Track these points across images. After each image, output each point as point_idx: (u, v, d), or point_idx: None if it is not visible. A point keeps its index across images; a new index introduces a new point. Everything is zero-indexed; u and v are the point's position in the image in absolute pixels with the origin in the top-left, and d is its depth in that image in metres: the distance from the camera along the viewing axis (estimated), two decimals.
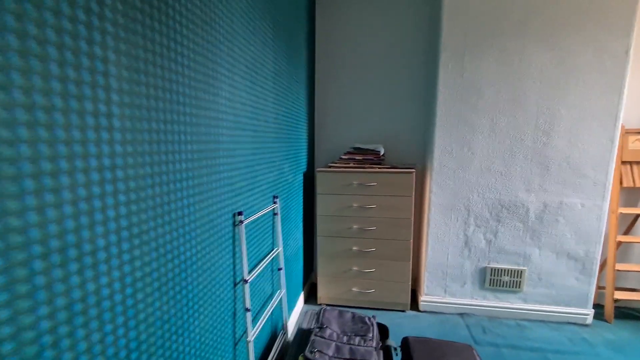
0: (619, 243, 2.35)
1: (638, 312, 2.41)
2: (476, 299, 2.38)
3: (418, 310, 2.43)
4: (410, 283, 2.36)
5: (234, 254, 1.23)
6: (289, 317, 2.06)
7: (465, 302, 2.38)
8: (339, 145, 2.69)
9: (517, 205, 2.22)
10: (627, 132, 2.30)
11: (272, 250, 1.69)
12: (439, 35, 2.18)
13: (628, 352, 1.97)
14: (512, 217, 2.24)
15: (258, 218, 1.46)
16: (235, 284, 1.25)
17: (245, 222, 1.26)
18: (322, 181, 2.34)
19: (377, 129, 2.64)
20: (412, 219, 2.27)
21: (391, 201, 2.26)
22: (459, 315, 2.36)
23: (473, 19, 2.08)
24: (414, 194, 2.24)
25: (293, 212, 2.16)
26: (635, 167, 2.34)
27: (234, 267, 1.24)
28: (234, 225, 1.22)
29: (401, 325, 2.23)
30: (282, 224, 1.83)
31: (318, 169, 2.35)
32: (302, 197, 2.39)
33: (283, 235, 1.86)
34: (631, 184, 2.31)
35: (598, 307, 2.37)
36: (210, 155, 1.04)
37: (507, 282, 2.30)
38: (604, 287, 2.40)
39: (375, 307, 2.43)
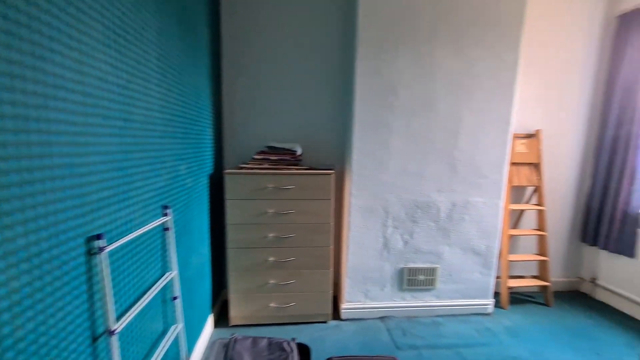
0: (510, 236, 2.61)
1: (525, 296, 2.72)
2: (396, 300, 2.36)
3: (340, 319, 2.30)
4: (331, 292, 2.21)
5: (90, 297, 0.85)
6: (190, 355, 1.69)
7: (385, 305, 2.35)
8: (251, 144, 2.40)
9: (430, 205, 2.27)
10: (515, 137, 2.57)
11: (163, 276, 1.32)
12: (355, 29, 2.08)
13: (522, 335, 2.16)
14: (426, 217, 2.28)
15: (136, 238, 1.10)
16: (94, 339, 0.87)
17: (109, 248, 0.90)
18: (232, 185, 2.03)
19: (293, 127, 2.44)
20: (332, 223, 2.13)
21: (310, 205, 2.08)
22: (380, 320, 2.31)
23: (389, 16, 2.04)
24: (333, 197, 2.10)
25: (195, 223, 1.80)
26: (521, 167, 2.63)
27: (92, 315, 0.86)
28: (89, 254, 0.85)
29: (323, 340, 2.06)
30: (177, 241, 1.47)
31: (227, 171, 2.03)
32: (207, 205, 2.03)
33: (179, 254, 1.50)
34: (518, 183, 2.60)
35: (495, 295, 2.60)
36: (29, 153, 0.67)
37: (422, 281, 2.34)
38: (499, 277, 2.65)
39: (296, 321, 2.21)
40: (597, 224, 2.68)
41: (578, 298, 2.73)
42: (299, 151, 2.17)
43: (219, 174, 2.28)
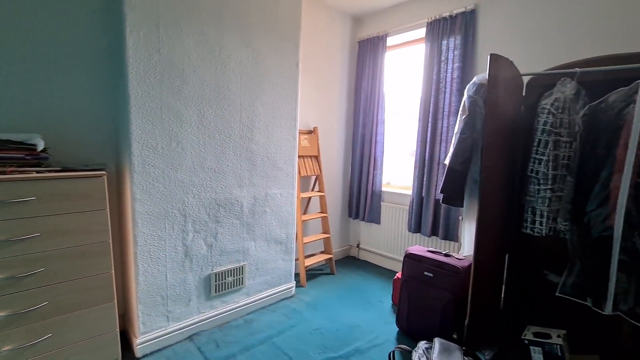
0: (303, 221, 2.94)
1: (317, 270, 3.15)
2: (204, 312, 2.11)
3: (136, 359, 1.81)
4: (118, 330, 1.69)
5: None
6: None
7: (193, 321, 2.05)
8: None
9: (232, 202, 2.17)
10: (299, 133, 2.88)
11: None
12: None
13: (320, 306, 2.46)
14: (229, 214, 2.16)
15: None
16: None
17: None
18: None
19: (27, 110, 1.67)
20: (111, 240, 1.62)
21: (71, 222, 1.48)
22: (189, 340, 2.00)
23: None
24: (108, 205, 1.59)
25: None
26: (305, 160, 2.99)
27: None
28: None
29: None
30: None
31: None
32: None
33: None
34: (306, 174, 2.94)
35: (296, 276, 2.84)
36: None
37: (231, 282, 2.22)
38: (297, 259, 2.92)
39: None
40: (357, 201, 3.47)
41: (350, 261, 3.45)
42: (40, 145, 1.49)
43: None
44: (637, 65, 1.55)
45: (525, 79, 1.96)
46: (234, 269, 2.22)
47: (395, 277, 2.48)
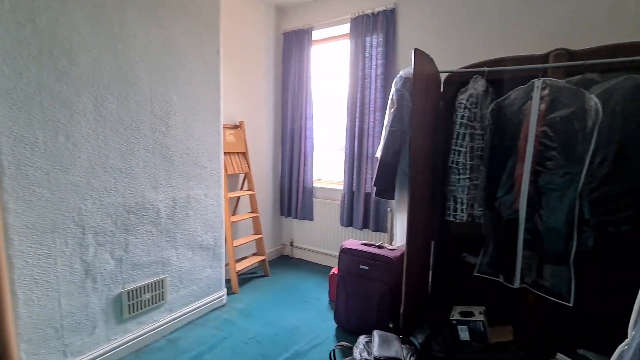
0: (232, 223, 2.72)
1: (250, 274, 2.97)
2: (115, 338, 1.78)
3: None
4: None
5: None
6: None
7: (101, 352, 1.71)
8: None
9: (146, 207, 1.87)
10: (224, 128, 2.65)
11: None
12: None
13: (254, 313, 2.31)
14: (143, 221, 1.86)
15: None
16: None
17: None
18: None
19: None
20: None
21: None
22: None
23: None
24: None
25: None
26: (232, 156, 2.78)
27: None
28: None
29: None
30: None
31: None
32: None
33: None
34: (233, 171, 2.73)
35: (227, 282, 2.62)
36: None
37: (149, 299, 1.92)
38: (227, 264, 2.70)
39: None
40: (289, 199, 3.37)
41: (284, 261, 3.34)
42: None
43: None
44: (533, 66, 1.76)
45: (443, 76, 2.10)
46: (151, 284, 1.92)
47: (331, 272, 2.46)
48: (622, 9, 1.88)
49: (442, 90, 2.08)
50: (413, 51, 1.65)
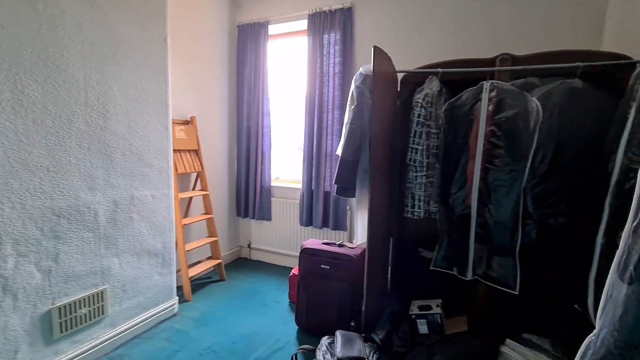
0: (184, 225, 2.53)
1: (204, 279, 2.79)
2: None
3: None
4: None
5: None
6: None
7: None
8: None
9: (80, 211, 1.65)
10: (173, 123, 2.45)
11: None
12: None
13: (210, 321, 2.16)
14: (77, 227, 1.64)
15: None
16: None
17: None
18: None
19: None
20: None
21: None
22: None
23: None
24: None
25: None
26: (183, 154, 2.58)
27: None
28: None
29: None
30: None
31: None
32: None
33: None
34: (184, 170, 2.54)
35: (179, 289, 2.44)
36: None
37: (85, 314, 1.70)
38: (179, 270, 2.51)
39: None
40: (246, 198, 3.23)
41: (242, 263, 3.20)
42: None
43: None
44: (481, 68, 1.85)
45: (399, 76, 2.14)
46: (89, 297, 1.70)
47: (291, 273, 2.39)
48: (555, 19, 2.07)
49: (398, 89, 2.12)
50: (372, 48, 1.65)
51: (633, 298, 0.48)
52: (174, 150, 2.42)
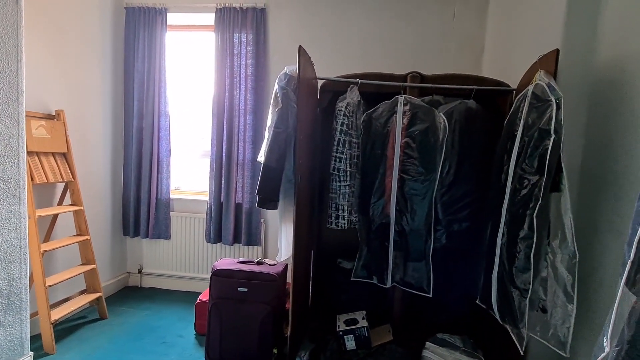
0: (43, 253, 1.90)
1: (75, 320, 2.16)
2: None
3: None
4: None
5: None
6: None
7: None
8: None
9: None
10: (28, 116, 1.84)
11: None
12: None
13: None
14: None
15: None
16: None
17: None
18: None
19: None
20: None
21: None
22: None
23: None
24: None
25: None
26: (44, 158, 1.97)
27: None
28: None
29: None
30: None
31: None
32: None
33: None
34: (44, 180, 1.93)
35: (34, 339, 1.79)
36: None
37: None
38: (36, 313, 1.86)
39: None
40: (136, 214, 2.69)
41: (130, 293, 2.63)
42: None
43: None
44: (395, 83, 1.94)
45: (319, 83, 2.09)
46: None
47: (198, 300, 2.04)
48: (446, 44, 2.37)
49: (319, 97, 2.07)
50: (298, 48, 1.55)
51: None
52: (30, 153, 1.82)
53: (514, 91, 1.84)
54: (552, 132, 1.25)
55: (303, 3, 2.50)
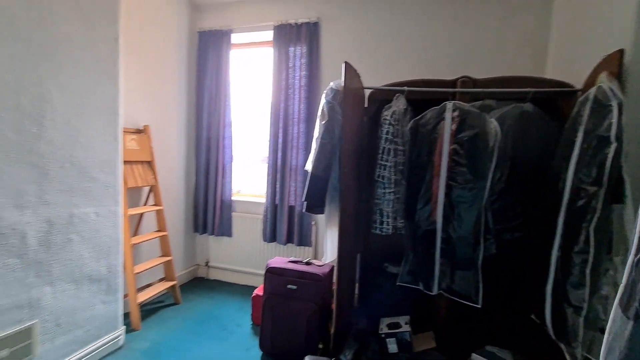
0: (133, 245, 2.29)
1: (156, 304, 2.53)
2: None
3: None
4: None
5: None
6: None
7: None
8: None
9: (4, 233, 1.40)
10: (123, 132, 2.23)
11: None
12: None
13: (162, 352, 1.95)
14: None
15: None
16: None
17: None
18: None
19: None
20: None
21: None
22: None
23: None
24: None
25: None
26: (134, 166, 2.36)
27: None
28: None
29: None
30: None
31: None
32: None
33: None
34: (135, 184, 2.31)
35: (125, 316, 2.17)
36: None
37: (6, 357, 1.42)
38: (127, 295, 2.24)
39: None
40: (204, 214, 3.03)
41: (198, 284, 2.97)
42: None
43: None
44: (444, 89, 1.93)
45: (367, 92, 2.16)
46: (12, 336, 1.44)
47: (254, 294, 2.26)
48: (504, 44, 2.25)
49: (366, 105, 2.14)
50: (343, 64, 1.64)
51: (638, 335, 0.48)
52: (124, 162, 2.20)
53: (580, 91, 1.70)
54: (612, 139, 1.15)
55: (353, 14, 2.59)
